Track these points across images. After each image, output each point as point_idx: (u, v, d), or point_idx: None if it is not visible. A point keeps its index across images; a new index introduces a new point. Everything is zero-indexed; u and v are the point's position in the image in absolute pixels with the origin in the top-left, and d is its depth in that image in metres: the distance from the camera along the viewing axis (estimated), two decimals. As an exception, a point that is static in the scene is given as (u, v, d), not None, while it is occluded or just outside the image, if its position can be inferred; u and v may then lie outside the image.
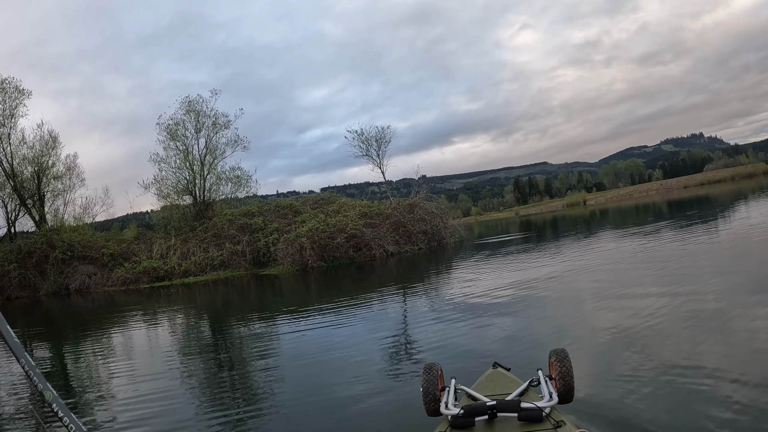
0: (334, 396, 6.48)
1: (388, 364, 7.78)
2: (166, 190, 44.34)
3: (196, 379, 8.51)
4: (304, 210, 40.64)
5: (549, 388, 3.63)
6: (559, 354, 3.74)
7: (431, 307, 12.41)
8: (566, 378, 3.59)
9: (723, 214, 26.71)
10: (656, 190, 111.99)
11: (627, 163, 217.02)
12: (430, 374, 3.82)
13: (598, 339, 7.32)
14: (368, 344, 9.14)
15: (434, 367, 3.91)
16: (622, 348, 6.64)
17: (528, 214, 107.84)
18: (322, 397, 6.51)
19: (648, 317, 7.90)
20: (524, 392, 3.78)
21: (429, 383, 3.77)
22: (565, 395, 3.58)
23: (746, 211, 26.12)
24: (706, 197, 48.43)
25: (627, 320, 7.98)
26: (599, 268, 14.63)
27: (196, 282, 33.83)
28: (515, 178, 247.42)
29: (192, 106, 44.41)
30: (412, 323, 10.90)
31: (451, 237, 39.70)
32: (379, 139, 46.10)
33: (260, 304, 19.20)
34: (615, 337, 7.20)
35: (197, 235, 39.40)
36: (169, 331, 14.87)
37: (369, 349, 8.77)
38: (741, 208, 29.12)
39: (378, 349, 8.65)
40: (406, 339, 9.52)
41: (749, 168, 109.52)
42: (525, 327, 8.89)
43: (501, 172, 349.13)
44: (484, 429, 3.21)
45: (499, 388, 3.94)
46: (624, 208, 60.72)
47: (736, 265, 11.55)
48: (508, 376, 4.14)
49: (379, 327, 10.64)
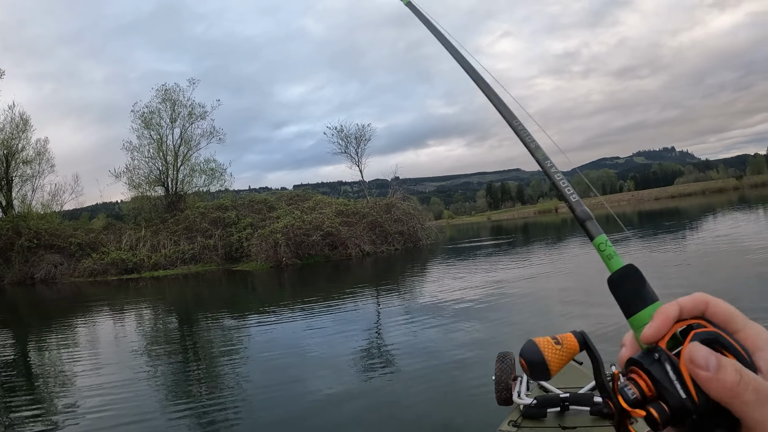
0: (301, 389, 6.49)
1: (357, 361, 7.74)
2: (138, 180, 43.25)
3: (163, 371, 8.33)
4: (279, 206, 39.97)
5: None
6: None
7: (405, 308, 12.31)
8: None
9: (693, 226, 27.49)
10: (628, 200, 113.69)
11: (599, 173, 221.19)
12: (504, 363, 3.72)
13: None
14: (339, 342, 9.06)
15: (508, 356, 3.80)
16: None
17: (500, 220, 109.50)
18: (289, 391, 6.48)
19: (614, 329, 7.86)
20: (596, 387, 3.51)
21: (502, 372, 3.67)
22: None
23: (714, 224, 26.73)
24: (676, 209, 49.30)
25: (593, 324, 8.17)
26: (569, 273, 14.97)
27: (166, 275, 33.04)
28: (488, 183, 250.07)
29: (168, 94, 43.42)
30: (384, 323, 10.82)
31: (427, 239, 39.38)
32: (359, 137, 45.76)
33: (232, 301, 18.75)
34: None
35: (168, 228, 38.50)
36: (136, 325, 14.41)
37: (339, 347, 8.71)
38: (710, 221, 29.79)
39: (348, 347, 8.58)
40: (377, 338, 9.51)
41: (720, 183, 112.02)
42: (493, 329, 8.98)
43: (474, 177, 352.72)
44: (555, 420, 3.16)
45: (570, 381, 3.81)
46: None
47: (702, 274, 11.96)
48: (580, 370, 4.02)
49: (352, 326, 10.51)
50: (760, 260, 12.50)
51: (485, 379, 6.13)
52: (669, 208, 56.90)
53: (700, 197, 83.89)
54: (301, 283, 22.99)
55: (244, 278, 27.25)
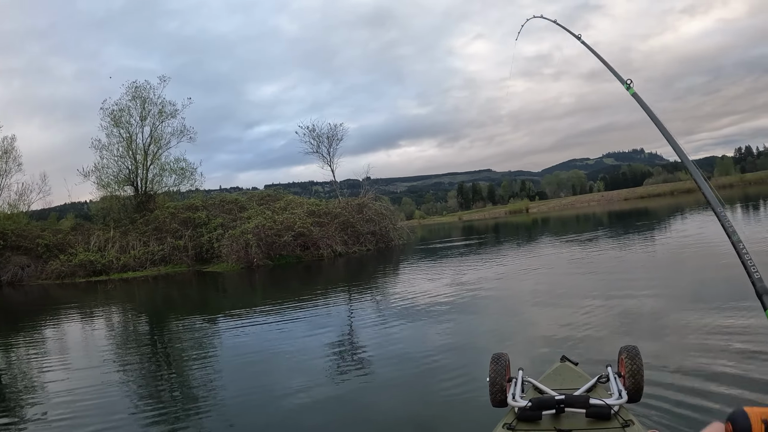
0: (274, 393, 6.47)
1: (330, 363, 7.78)
2: (107, 179, 42.26)
3: (134, 376, 8.27)
4: (249, 206, 39.68)
5: (618, 385, 3.50)
6: (630, 351, 3.61)
7: (377, 309, 12.41)
8: (636, 376, 3.48)
9: (662, 226, 27.99)
10: (597, 201, 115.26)
11: (569, 173, 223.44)
12: (498, 364, 3.71)
13: (536, 340, 7.60)
14: (311, 344, 9.09)
15: (502, 357, 3.78)
16: (558, 349, 6.72)
17: (471, 220, 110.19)
18: (262, 395, 6.49)
19: (584, 324, 8.12)
20: (592, 388, 3.66)
21: (497, 373, 3.67)
22: (634, 394, 3.47)
23: (683, 224, 27.37)
24: (645, 210, 50.28)
25: (564, 323, 8.27)
26: (539, 273, 15.27)
27: (135, 277, 32.65)
28: (459, 183, 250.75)
29: (138, 92, 42.49)
30: (357, 324, 10.89)
31: (399, 239, 39.50)
32: (331, 136, 45.65)
33: (202, 302, 18.68)
34: (552, 339, 7.49)
35: (137, 228, 38.01)
36: (106, 328, 14.27)
37: (312, 349, 8.74)
38: (679, 221, 30.45)
39: (321, 349, 8.62)
40: (350, 339, 9.59)
41: (688, 184, 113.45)
42: (464, 329, 9.13)
43: (445, 177, 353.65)
44: (551, 423, 3.14)
45: (566, 382, 3.84)
46: (565, 217, 62.38)
47: (670, 273, 12.21)
48: (575, 371, 4.04)
49: (325, 328, 10.56)
50: (725, 260, 12.78)
51: (460, 379, 6.25)
52: (638, 208, 57.80)
53: (669, 198, 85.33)
54: (273, 284, 22.97)
55: (214, 279, 27.10)
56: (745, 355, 5.74)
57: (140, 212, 40.18)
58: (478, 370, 6.14)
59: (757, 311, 7.21)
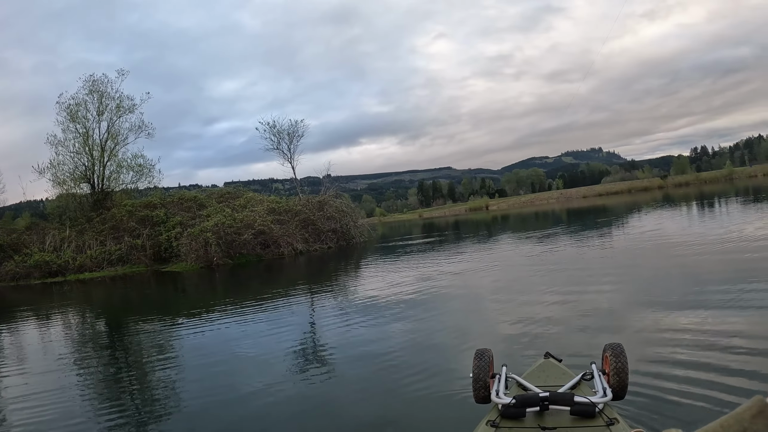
0: (236, 395, 6.46)
1: (293, 363, 7.80)
2: (63, 177, 41.19)
3: (93, 380, 8.21)
4: (209, 203, 39.29)
5: (603, 383, 3.51)
6: (615, 349, 3.62)
7: (338, 307, 12.50)
8: (621, 374, 3.49)
9: (620, 223, 28.76)
10: (556, 198, 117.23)
11: (529, 172, 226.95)
12: (482, 360, 3.71)
13: (498, 336, 7.67)
14: (274, 344, 9.09)
15: (486, 353, 3.79)
16: (522, 345, 6.99)
17: (431, 217, 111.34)
18: (224, 396, 6.47)
19: (544, 319, 8.26)
20: (576, 385, 3.66)
21: (480, 369, 3.66)
22: (619, 392, 3.48)
23: (640, 221, 28.15)
24: (603, 207, 51.44)
25: (526, 318, 8.47)
26: (499, 268, 15.63)
27: (92, 278, 32.06)
28: (419, 181, 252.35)
29: (96, 85, 41.44)
30: (318, 323, 10.99)
31: (360, 236, 39.64)
32: (292, 132, 45.59)
33: (162, 304, 18.52)
34: (514, 334, 7.64)
35: (94, 227, 37.25)
36: (63, 332, 14.06)
37: (275, 349, 8.74)
38: (636, 218, 31.32)
39: (284, 349, 8.62)
40: (312, 338, 9.65)
41: (645, 182, 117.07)
42: (427, 326, 9.18)
43: (405, 175, 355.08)
44: (535, 420, 3.12)
45: (550, 379, 3.83)
46: (525, 214, 63.38)
47: (629, 269, 12.44)
48: (559, 368, 4.03)
49: (286, 327, 10.57)
50: (681, 255, 13.40)
51: (422, 375, 6.31)
52: (597, 205, 59.11)
53: (627, 195, 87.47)
54: (233, 284, 22.91)
55: (173, 280, 26.85)
56: (726, 350, 5.81)
57: (97, 210, 39.39)
58: (457, 366, 6.32)
59: (749, 303, 7.60)
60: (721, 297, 8.12)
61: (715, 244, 13.97)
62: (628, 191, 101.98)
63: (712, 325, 6.75)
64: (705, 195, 47.25)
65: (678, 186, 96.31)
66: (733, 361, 5.43)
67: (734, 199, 35.22)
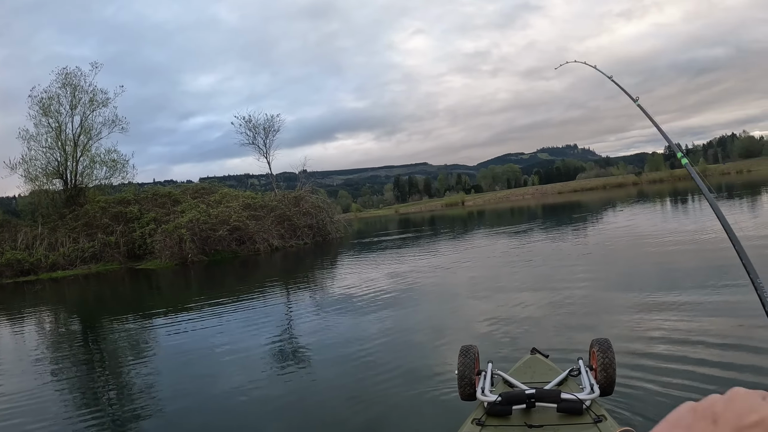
0: (212, 393, 6.47)
1: (270, 361, 7.80)
2: (35, 172, 40.07)
3: (68, 380, 8.13)
4: (183, 199, 38.99)
5: (590, 379, 3.45)
6: (602, 344, 3.58)
7: (315, 304, 12.55)
8: (608, 370, 3.45)
9: (595, 218, 29.22)
10: (532, 194, 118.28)
11: (504, 168, 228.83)
12: (467, 357, 3.66)
13: (482, 332, 7.68)
14: (250, 342, 9.07)
15: (471, 350, 3.74)
16: (508, 340, 7.06)
17: (408, 213, 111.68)
18: (201, 395, 6.49)
19: (528, 315, 8.32)
20: (563, 381, 3.62)
21: (465, 366, 3.61)
22: (606, 388, 3.44)
23: (614, 217, 28.65)
24: (578, 203, 52.05)
25: (501, 311, 8.63)
26: (475, 263, 15.88)
27: (65, 277, 31.57)
28: (396, 176, 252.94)
29: (69, 79, 40.30)
30: (295, 321, 11.02)
31: (337, 232, 39.58)
32: (267, 127, 45.32)
33: (136, 302, 18.39)
34: (499, 330, 7.71)
35: (67, 224, 36.60)
36: (37, 332, 13.92)
37: (251, 347, 8.73)
38: (611, 213, 31.90)
39: (260, 347, 8.63)
40: (289, 336, 9.66)
41: (620, 179, 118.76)
42: (406, 322, 9.21)
43: (382, 171, 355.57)
44: (522, 418, 3.09)
45: (537, 375, 3.79)
46: (501, 210, 63.81)
47: (604, 263, 12.77)
48: (546, 364, 3.99)
49: (263, 325, 10.56)
50: (654, 250, 13.76)
51: (403, 373, 6.32)
52: (572, 201, 59.84)
53: (602, 191, 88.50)
54: (208, 281, 22.83)
55: (148, 277, 26.66)
56: (712, 344, 5.89)
57: (70, 207, 38.65)
58: (444, 363, 6.28)
59: (723, 296, 7.84)
60: (701, 292, 8.25)
61: (690, 240, 14.31)
62: (603, 187, 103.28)
63: (696, 320, 6.86)
64: (679, 191, 48.05)
65: (653, 182, 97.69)
66: (719, 354, 5.50)
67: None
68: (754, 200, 26.12)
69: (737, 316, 6.65)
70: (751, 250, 2.99)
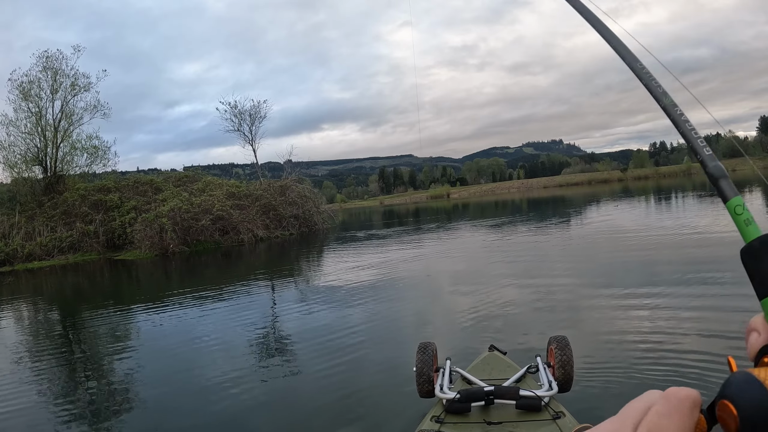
0: (196, 388, 6.35)
1: (253, 355, 7.71)
2: (14, 159, 38.52)
3: (47, 375, 7.83)
4: (165, 187, 38.04)
5: (548, 376, 3.49)
6: (560, 341, 3.60)
7: (300, 297, 12.37)
8: (566, 367, 3.48)
9: (579, 213, 29.72)
10: (517, 188, 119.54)
11: (490, 161, 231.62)
12: (425, 354, 3.67)
13: (443, 328, 7.88)
14: (233, 336, 8.95)
15: (429, 347, 3.75)
16: (467, 336, 7.16)
17: (392, 204, 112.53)
18: (183, 388, 6.41)
19: (491, 311, 8.42)
20: (521, 378, 3.63)
21: (423, 363, 3.61)
22: (564, 384, 3.47)
23: (598, 212, 29.03)
24: (562, 198, 52.95)
25: (472, 309, 8.68)
26: (460, 255, 16.11)
27: (42, 267, 30.50)
28: (381, 168, 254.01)
29: (50, 62, 38.76)
30: (279, 313, 10.87)
31: (323, 223, 38.88)
32: (254, 114, 44.42)
33: (116, 294, 17.82)
34: (460, 326, 7.78)
35: (45, 212, 35.47)
36: (14, 326, 13.36)
37: (234, 340, 8.63)
38: (595, 208, 32.27)
39: (243, 341, 8.54)
40: (273, 329, 9.55)
41: (605, 174, 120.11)
42: (377, 317, 9.18)
43: (367, 162, 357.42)
44: (480, 415, 3.09)
45: (495, 372, 3.79)
46: (486, 203, 64.38)
47: (585, 257, 13.02)
48: (504, 360, 4.01)
49: (246, 318, 10.36)
50: (636, 244, 13.86)
51: (386, 367, 6.27)
52: (556, 196, 60.98)
53: (586, 187, 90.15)
54: (190, 272, 22.25)
55: (127, 269, 25.93)
56: (673, 341, 5.93)
57: (48, 195, 37.42)
58: (405, 358, 6.12)
59: (679, 290, 8.07)
60: (669, 288, 8.39)
61: (667, 237, 14.48)
62: (588, 183, 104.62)
63: (661, 315, 6.93)
64: (663, 188, 48.83)
65: (637, 179, 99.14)
66: (680, 352, 5.54)
67: (691, 193, 36.43)
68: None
69: (700, 312, 6.82)
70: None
